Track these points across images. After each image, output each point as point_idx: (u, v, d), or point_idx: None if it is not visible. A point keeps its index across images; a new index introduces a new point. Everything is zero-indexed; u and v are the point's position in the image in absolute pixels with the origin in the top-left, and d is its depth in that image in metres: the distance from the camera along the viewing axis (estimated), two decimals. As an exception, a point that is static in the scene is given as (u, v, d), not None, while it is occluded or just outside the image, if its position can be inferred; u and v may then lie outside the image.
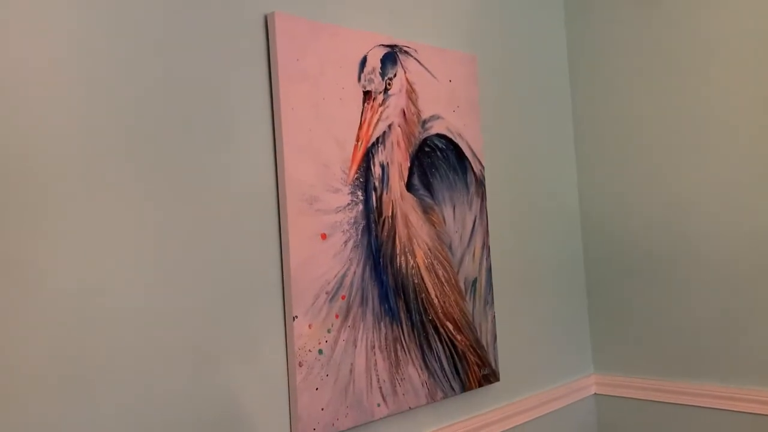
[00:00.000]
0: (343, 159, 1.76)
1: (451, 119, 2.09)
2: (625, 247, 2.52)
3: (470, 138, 2.15)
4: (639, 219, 2.47)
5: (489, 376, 2.14)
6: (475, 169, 2.16)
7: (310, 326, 1.65)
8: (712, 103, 2.29)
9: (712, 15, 2.27)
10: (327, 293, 1.69)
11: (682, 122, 2.37)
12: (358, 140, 1.80)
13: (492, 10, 2.33)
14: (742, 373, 2.23)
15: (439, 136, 2.05)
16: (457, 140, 2.11)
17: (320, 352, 1.67)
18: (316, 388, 1.65)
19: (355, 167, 1.79)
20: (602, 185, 2.58)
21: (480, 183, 2.17)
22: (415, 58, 1.99)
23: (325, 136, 1.73)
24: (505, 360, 2.25)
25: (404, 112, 1.94)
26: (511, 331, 2.29)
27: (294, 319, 1.62)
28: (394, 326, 1.85)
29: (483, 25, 2.29)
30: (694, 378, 2.34)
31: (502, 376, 2.24)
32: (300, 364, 1.62)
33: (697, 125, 2.33)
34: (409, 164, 1.94)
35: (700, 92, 2.31)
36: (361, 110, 1.82)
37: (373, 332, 1.79)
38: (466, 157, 2.13)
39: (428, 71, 2.03)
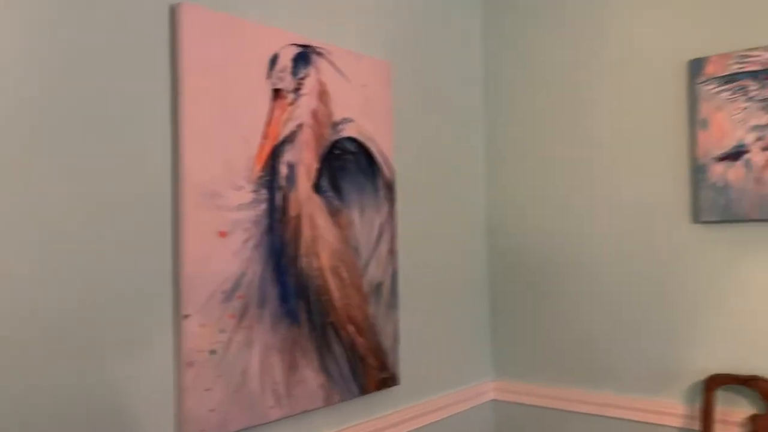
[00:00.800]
0: (248, 156, 1.73)
1: (363, 123, 2.09)
2: (528, 257, 2.59)
3: (382, 143, 2.16)
4: (542, 230, 2.55)
5: (388, 379, 2.15)
6: (385, 174, 2.17)
7: (202, 326, 1.61)
8: (607, 122, 2.39)
9: (613, 38, 2.37)
10: (223, 292, 1.66)
11: (581, 139, 2.46)
12: (265, 138, 1.78)
13: (409, 18, 2.35)
14: (634, 382, 2.33)
15: (350, 139, 2.05)
16: (369, 144, 2.11)
17: (212, 352, 1.63)
18: (207, 389, 1.62)
19: (260, 165, 1.76)
20: (509, 195, 2.64)
21: (390, 188, 2.18)
22: (330, 61, 1.98)
23: (230, 132, 1.69)
24: (406, 364, 2.27)
25: (315, 113, 1.93)
26: (414, 336, 2.32)
27: (185, 318, 1.58)
28: (293, 328, 1.83)
29: (400, 33, 2.31)
30: (590, 386, 2.43)
31: (402, 379, 2.25)
32: (190, 365, 1.58)
33: (594, 142, 2.42)
34: (318, 165, 1.93)
35: (598, 111, 2.41)
36: (269, 108, 1.79)
37: (270, 334, 1.77)
38: (377, 162, 2.14)
39: (342, 74, 2.02)
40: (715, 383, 2.11)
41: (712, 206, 2.15)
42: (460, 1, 2.61)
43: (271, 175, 1.79)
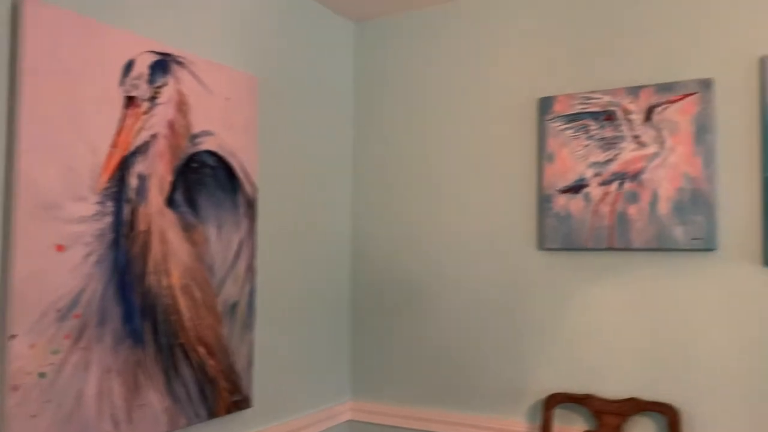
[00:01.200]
0: (94, 165, 1.63)
1: (224, 137, 2.04)
2: (390, 279, 2.63)
3: (244, 158, 2.12)
4: (403, 253, 2.61)
5: (240, 402, 2.09)
6: (246, 190, 2.12)
7: (32, 346, 1.48)
8: (465, 152, 2.50)
9: (474, 74, 2.50)
10: (58, 311, 1.54)
11: (440, 167, 2.55)
12: (114, 147, 1.68)
13: (278, 33, 2.34)
14: (484, 402, 2.43)
15: (210, 153, 1.99)
16: (229, 159, 2.06)
17: (42, 375, 1.50)
18: (33, 415, 1.48)
19: (107, 175, 1.66)
20: (374, 217, 2.68)
21: (251, 204, 2.14)
22: (191, 71, 1.92)
23: (75, 138, 1.59)
24: (261, 386, 2.22)
25: (172, 123, 1.85)
26: (271, 356, 2.27)
27: (12, 338, 1.44)
28: (137, 349, 1.73)
29: (268, 48, 2.29)
30: (444, 406, 2.50)
31: (256, 402, 2.20)
32: (15, 388, 1.45)
33: (452, 171, 2.53)
34: (172, 179, 1.85)
35: (456, 141, 2.52)
36: (121, 116, 1.70)
37: (110, 355, 1.66)
38: (238, 177, 2.09)
39: (204, 86, 1.97)
40: (554, 402, 2.24)
41: (555, 234, 2.30)
42: (331, 20, 2.63)
43: (119, 187, 1.69)
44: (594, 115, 2.26)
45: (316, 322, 2.52)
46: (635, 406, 2.12)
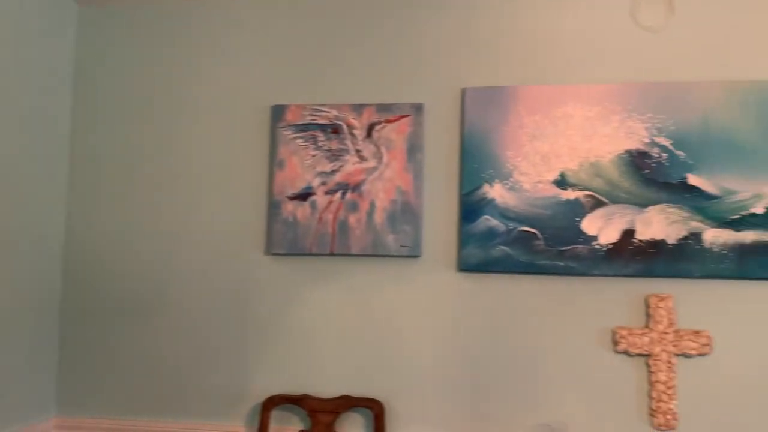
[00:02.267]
0: None
1: None
2: (109, 285, 2.47)
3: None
4: (123, 257, 2.47)
5: None
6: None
7: None
8: (196, 155, 2.46)
9: (207, 77, 2.48)
10: None
11: (170, 170, 2.48)
12: None
13: (-12, 4, 2.09)
14: (205, 408, 2.37)
15: None
16: None
17: None
18: None
19: None
20: (92, 218, 2.50)
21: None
22: None
23: None
24: (-65, 401, 1.92)
25: None
26: (-49, 368, 1.98)
27: None
28: None
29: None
30: (163, 415, 2.39)
31: (-73, 420, 1.89)
32: None
33: (182, 174, 2.47)
34: None
35: (187, 144, 2.46)
36: None
37: None
38: None
39: None
40: (271, 404, 2.28)
41: (282, 240, 2.36)
42: (51, 9, 2.42)
43: None
44: (322, 127, 2.37)
45: (17, 332, 2.26)
46: (346, 403, 2.25)
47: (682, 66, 2.22)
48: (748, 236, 2.11)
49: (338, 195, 2.34)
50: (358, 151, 2.34)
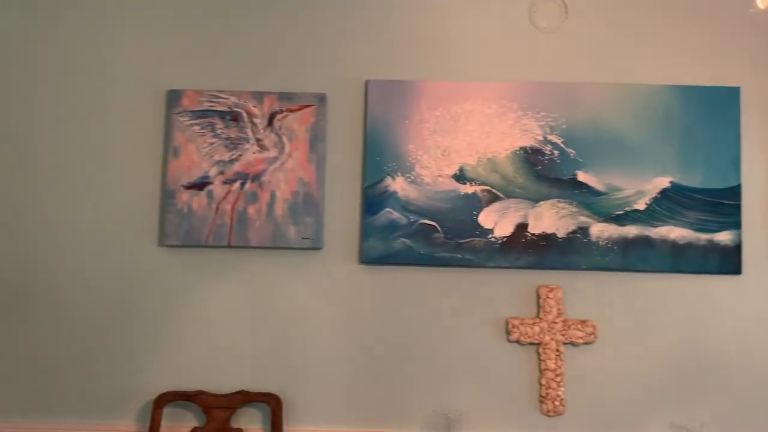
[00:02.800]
0: None
1: None
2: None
3: None
4: (5, 258, 2.28)
5: None
6: None
7: None
8: (83, 142, 2.31)
9: (98, 59, 2.34)
10: None
11: (56, 158, 2.31)
12: None
13: None
14: (92, 407, 2.24)
15: None
16: None
17: None
18: None
19: None
20: (-37, 204, 2.29)
21: None
22: None
23: None
24: None
25: None
26: None
27: None
28: None
29: None
30: (45, 416, 2.23)
31: None
32: None
33: (69, 162, 2.31)
34: None
35: (75, 129, 2.31)
36: None
37: None
38: None
39: None
40: (163, 401, 2.18)
41: (177, 231, 2.26)
42: None
43: None
44: (221, 114, 2.29)
45: None
46: (243, 398, 2.20)
47: (574, 67, 2.32)
48: (631, 231, 2.25)
49: (237, 185, 2.28)
50: (258, 140, 2.29)
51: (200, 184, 2.28)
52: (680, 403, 2.23)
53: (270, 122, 2.28)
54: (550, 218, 2.27)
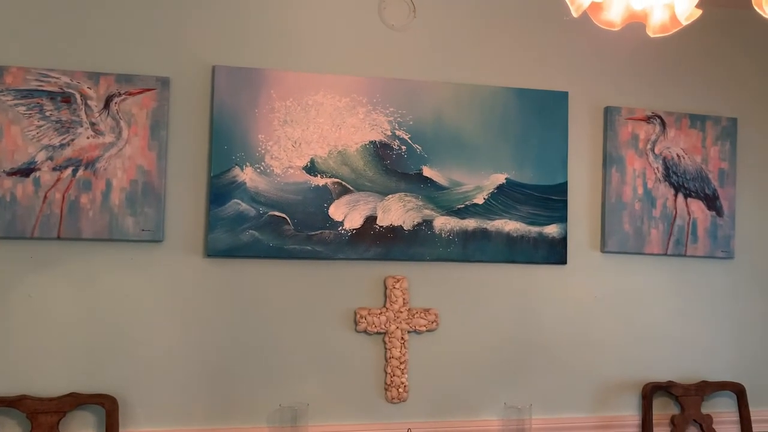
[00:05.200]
0: None
1: None
2: None
3: None
4: None
5: None
6: None
7: None
8: None
9: None
10: None
11: None
12: None
13: None
14: None
15: None
16: None
17: None
18: None
19: None
20: None
21: None
22: None
23: None
24: None
25: None
26: None
27: None
28: None
29: None
30: None
31: None
32: None
33: None
34: None
35: None
36: None
37: None
38: None
39: None
40: (-21, 409, 1.97)
41: (-3, 221, 2.05)
42: None
43: None
44: (51, 95, 2.11)
45: None
46: (74, 401, 2.04)
47: (419, 65, 2.39)
48: (471, 224, 2.37)
49: (68, 172, 2.10)
50: (93, 124, 2.13)
51: (26, 170, 2.08)
52: (512, 385, 2.39)
53: (106, 105, 2.13)
54: (397, 211, 2.33)
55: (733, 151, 2.60)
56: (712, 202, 2.57)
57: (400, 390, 2.29)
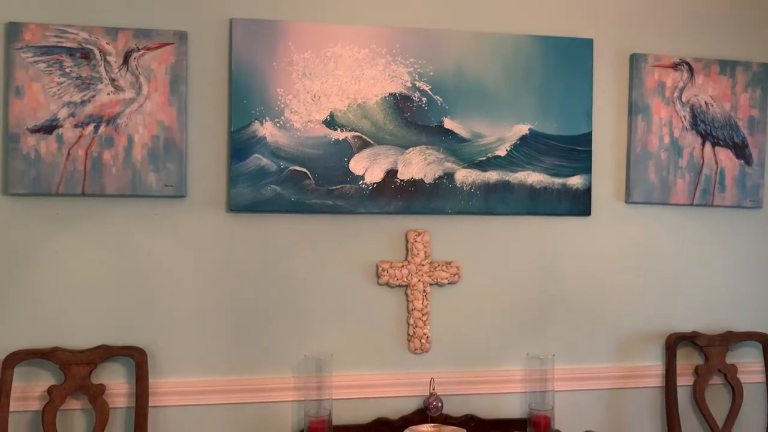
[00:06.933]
0: None
1: None
2: None
3: None
4: None
5: None
6: None
7: None
8: None
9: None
10: None
11: None
12: None
13: None
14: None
15: None
16: None
17: None
18: None
19: None
20: None
21: None
22: None
23: None
24: None
25: None
26: None
27: None
28: None
29: None
30: None
31: None
32: None
33: None
34: None
35: None
36: None
37: None
38: None
39: None
40: (13, 361, 2.03)
41: (23, 178, 2.08)
42: None
43: None
44: (70, 51, 2.11)
45: None
46: (105, 353, 2.10)
47: (439, 14, 2.34)
48: (493, 176, 2.35)
49: (90, 128, 2.12)
50: (113, 80, 2.13)
51: (48, 128, 2.09)
52: (534, 336, 2.40)
53: (125, 61, 2.13)
54: (418, 164, 2.31)
55: (764, 98, 2.52)
56: (740, 150, 2.51)
57: (423, 341, 2.31)
